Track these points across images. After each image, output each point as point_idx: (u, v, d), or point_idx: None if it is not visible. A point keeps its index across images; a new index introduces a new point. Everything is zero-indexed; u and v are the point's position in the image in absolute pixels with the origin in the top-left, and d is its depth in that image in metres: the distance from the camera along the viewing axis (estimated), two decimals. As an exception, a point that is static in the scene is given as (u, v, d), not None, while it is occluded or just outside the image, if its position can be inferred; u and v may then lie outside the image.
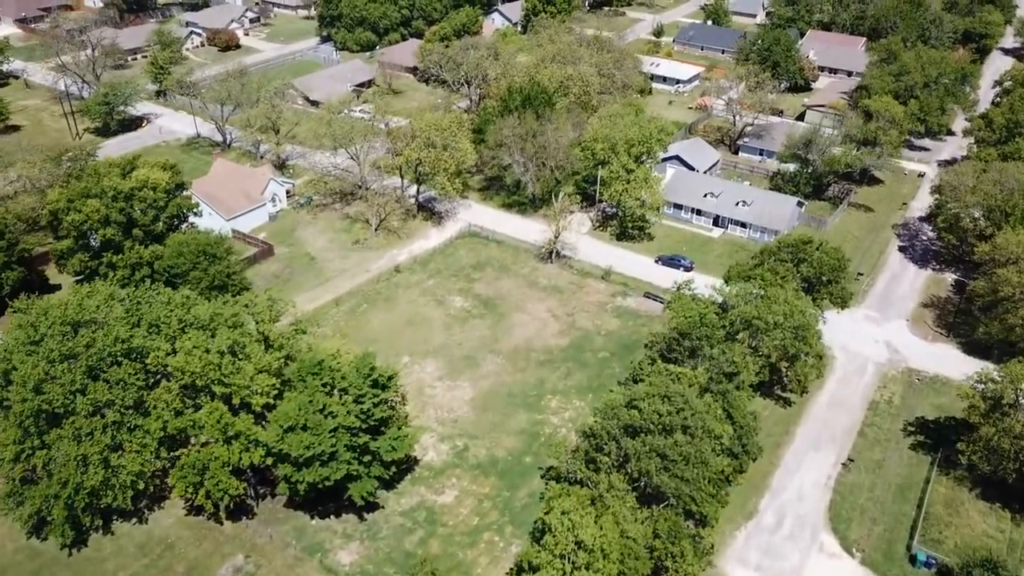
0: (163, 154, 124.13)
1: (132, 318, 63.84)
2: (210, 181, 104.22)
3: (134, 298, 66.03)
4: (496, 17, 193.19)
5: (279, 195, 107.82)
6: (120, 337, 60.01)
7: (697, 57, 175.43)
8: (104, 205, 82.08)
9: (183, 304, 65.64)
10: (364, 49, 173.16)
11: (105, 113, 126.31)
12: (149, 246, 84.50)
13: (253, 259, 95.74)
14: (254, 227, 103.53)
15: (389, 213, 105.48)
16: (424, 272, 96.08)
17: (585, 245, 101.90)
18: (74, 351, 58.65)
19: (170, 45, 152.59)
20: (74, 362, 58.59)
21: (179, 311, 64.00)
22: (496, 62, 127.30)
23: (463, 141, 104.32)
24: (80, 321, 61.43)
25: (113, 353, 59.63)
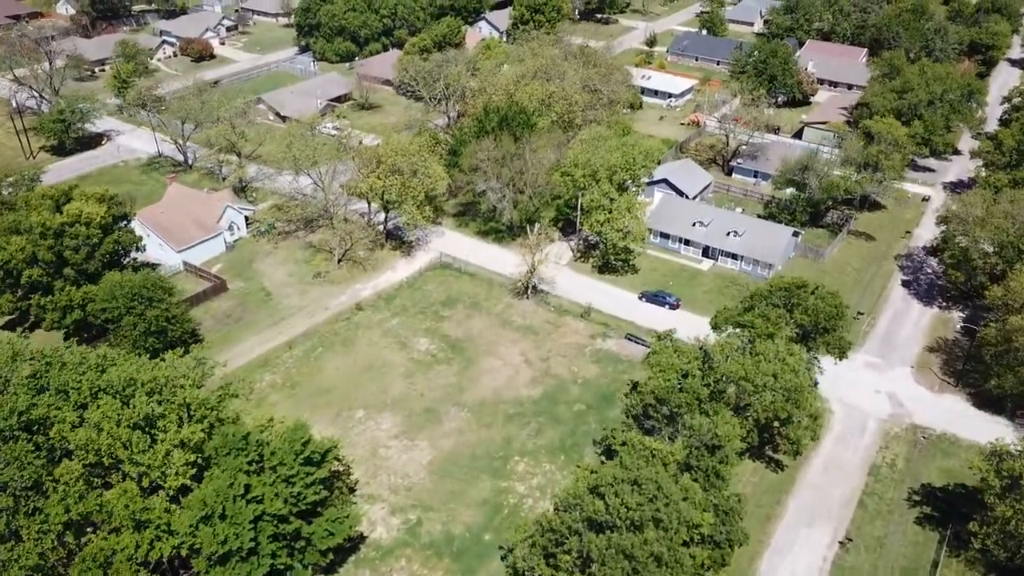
0: (121, 175, 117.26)
1: (39, 381, 56.68)
2: (162, 209, 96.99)
3: (43, 358, 58.78)
4: (483, 26, 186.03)
5: (237, 223, 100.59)
6: (17, 409, 52.83)
7: (691, 69, 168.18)
8: (31, 243, 74.95)
9: (98, 365, 58.39)
10: (343, 60, 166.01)
11: (61, 131, 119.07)
12: (82, 287, 77.39)
13: (203, 296, 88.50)
14: (208, 259, 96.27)
15: (354, 243, 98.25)
16: (388, 310, 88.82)
17: (564, 278, 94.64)
18: (-40, 426, 51.50)
19: (134, 56, 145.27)
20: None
21: (91, 374, 56.75)
22: (475, 77, 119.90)
23: (434, 166, 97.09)
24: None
25: (9, 427, 52.47)
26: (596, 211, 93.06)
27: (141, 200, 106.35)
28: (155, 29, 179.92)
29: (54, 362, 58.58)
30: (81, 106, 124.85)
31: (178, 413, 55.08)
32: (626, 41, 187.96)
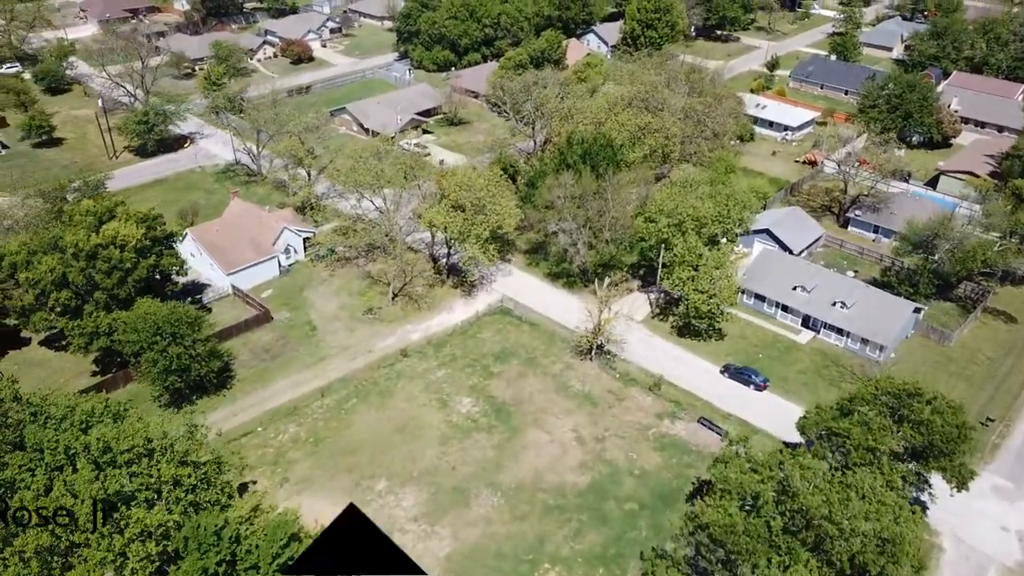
0: (195, 182, 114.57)
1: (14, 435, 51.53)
2: (217, 226, 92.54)
3: (28, 407, 53.71)
4: (591, 39, 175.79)
5: (294, 246, 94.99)
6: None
7: (814, 98, 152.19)
8: (62, 263, 71.09)
9: (82, 421, 52.77)
10: (440, 69, 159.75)
11: (143, 132, 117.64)
12: (112, 312, 73.02)
13: (244, 326, 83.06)
14: (260, 283, 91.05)
15: (412, 278, 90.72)
16: (436, 358, 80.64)
17: (637, 339, 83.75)
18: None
19: (227, 58, 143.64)
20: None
21: (72, 432, 51.09)
22: (565, 101, 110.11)
23: (504, 201, 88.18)
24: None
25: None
26: (679, 267, 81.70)
27: (207, 211, 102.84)
28: (260, 28, 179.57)
29: (39, 413, 53.45)
30: (167, 107, 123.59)
31: (152, 491, 48.59)
32: (745, 62, 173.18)
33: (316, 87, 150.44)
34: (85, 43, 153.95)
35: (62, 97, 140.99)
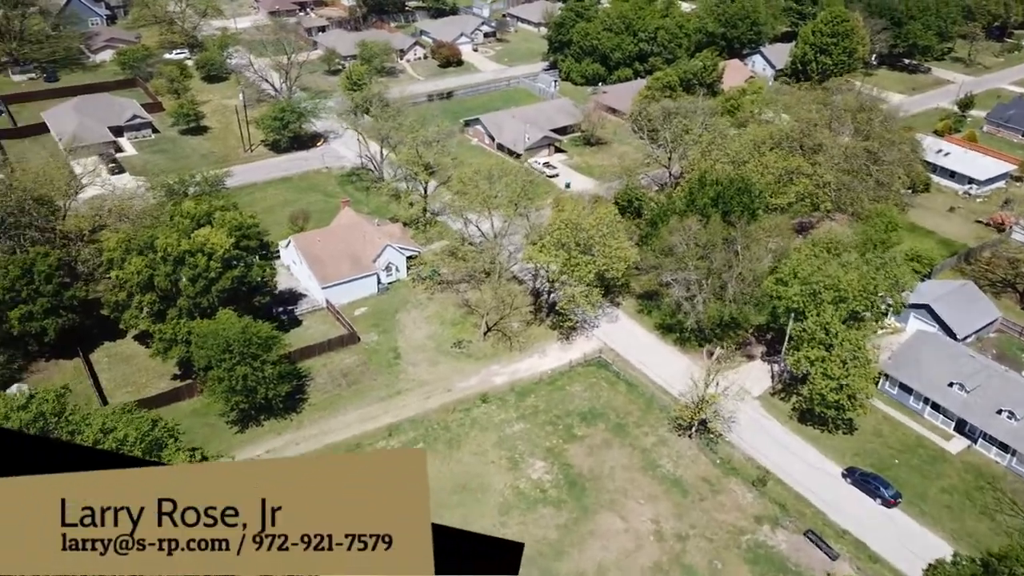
0: (318, 183, 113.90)
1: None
2: (320, 236, 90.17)
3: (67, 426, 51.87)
4: (757, 60, 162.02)
5: (396, 264, 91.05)
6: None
7: (1012, 147, 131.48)
8: (150, 266, 70.26)
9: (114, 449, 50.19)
10: (588, 83, 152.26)
11: (278, 128, 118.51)
12: (194, 320, 71.57)
13: (328, 345, 79.82)
14: (356, 299, 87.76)
15: (510, 312, 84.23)
16: (516, 409, 73.73)
17: (748, 417, 72.99)
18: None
19: (371, 59, 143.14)
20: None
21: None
22: (705, 135, 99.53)
23: (617, 242, 79.78)
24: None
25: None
26: (808, 345, 70.08)
27: (321, 217, 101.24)
28: (416, 29, 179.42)
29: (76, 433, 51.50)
30: (305, 104, 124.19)
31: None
32: (932, 98, 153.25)
33: (458, 93, 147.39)
34: (250, 33, 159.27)
35: (218, 86, 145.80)
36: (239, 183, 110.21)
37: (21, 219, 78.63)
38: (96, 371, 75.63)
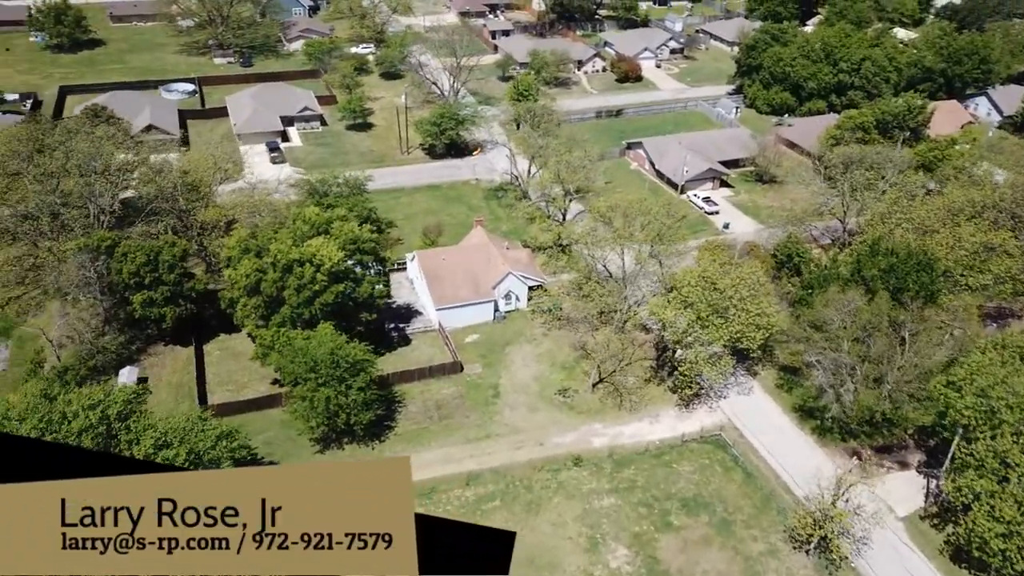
0: (463, 194, 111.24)
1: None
2: (445, 255, 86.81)
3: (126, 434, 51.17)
4: (981, 103, 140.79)
5: (517, 293, 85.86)
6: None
7: None
8: (259, 270, 69.65)
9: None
10: (774, 112, 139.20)
11: (434, 134, 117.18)
12: (296, 328, 70.27)
13: (429, 372, 76.18)
14: (469, 325, 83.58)
15: (627, 364, 76.44)
16: (611, 480, 66.14)
17: (887, 541, 60.86)
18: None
19: (541, 68, 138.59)
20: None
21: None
22: (891, 191, 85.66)
23: (755, 307, 69.69)
24: None
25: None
26: (976, 473, 56.91)
27: (455, 232, 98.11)
28: (600, 40, 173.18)
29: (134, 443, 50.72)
30: (466, 111, 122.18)
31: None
32: None
33: (629, 111, 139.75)
34: (431, 32, 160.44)
35: (394, 83, 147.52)
36: (388, 186, 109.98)
37: (163, 205, 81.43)
38: (205, 364, 76.69)
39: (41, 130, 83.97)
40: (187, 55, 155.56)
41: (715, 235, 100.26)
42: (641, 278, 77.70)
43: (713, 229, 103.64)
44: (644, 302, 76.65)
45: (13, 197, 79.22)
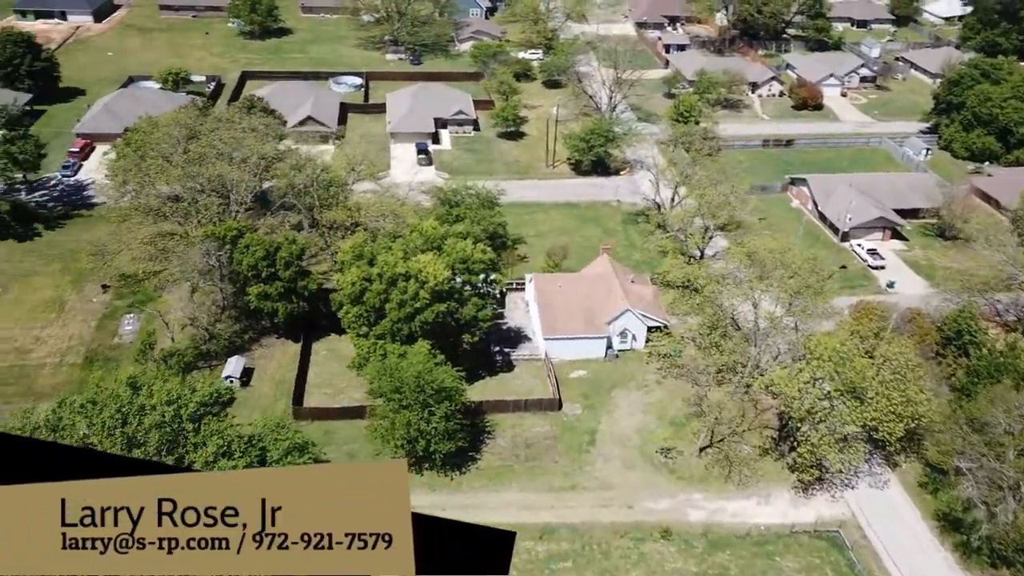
0: (594, 216, 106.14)
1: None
2: (564, 281, 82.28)
3: (194, 438, 50.88)
4: None
5: (634, 332, 79.80)
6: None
7: None
8: (366, 278, 68.46)
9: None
10: (972, 158, 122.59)
11: (582, 151, 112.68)
12: (395, 342, 68.54)
13: (524, 405, 72.10)
14: (577, 359, 78.64)
15: (744, 431, 68.58)
16: (699, 564, 59.07)
17: None
18: None
19: (707, 89, 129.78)
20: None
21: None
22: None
23: (902, 393, 59.75)
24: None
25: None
26: None
27: (581, 256, 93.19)
28: (782, 61, 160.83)
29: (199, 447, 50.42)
30: (620, 128, 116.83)
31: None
32: None
33: (801, 142, 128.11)
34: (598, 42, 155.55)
35: (556, 92, 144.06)
36: (526, 199, 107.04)
37: (294, 201, 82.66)
38: (310, 363, 76.91)
39: (196, 117, 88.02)
40: (363, 49, 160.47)
41: (875, 293, 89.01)
42: (772, 337, 69.26)
43: (874, 286, 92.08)
44: (772, 367, 68.18)
45: (163, 179, 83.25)
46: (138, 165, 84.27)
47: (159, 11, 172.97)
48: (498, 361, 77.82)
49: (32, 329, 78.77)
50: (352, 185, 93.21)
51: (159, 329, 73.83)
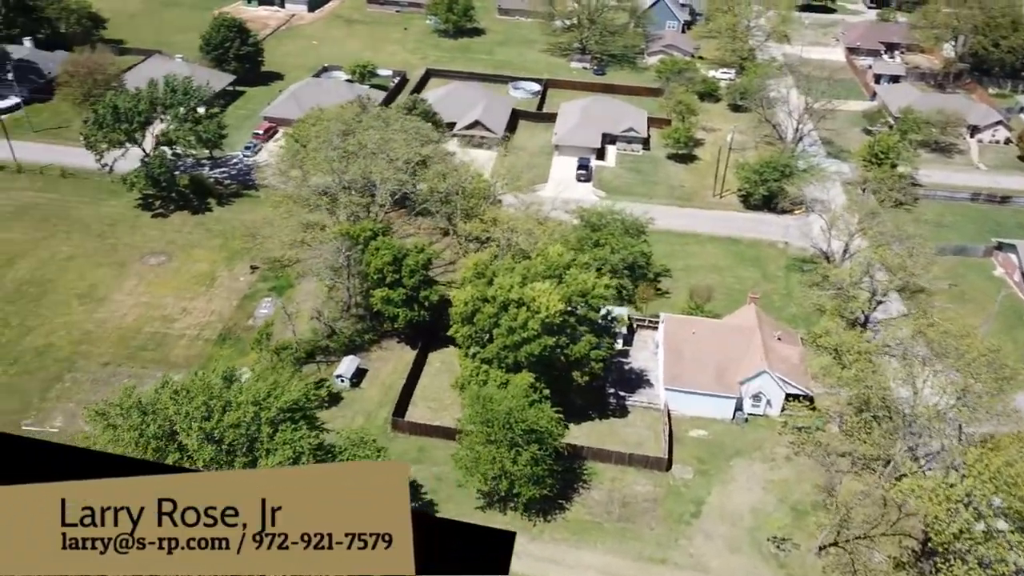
0: (756, 257, 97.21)
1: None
2: (699, 328, 75.26)
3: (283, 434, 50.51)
4: None
5: (770, 397, 71.39)
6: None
7: None
8: (479, 298, 65.85)
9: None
10: None
11: (753, 183, 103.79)
12: (501, 368, 65.51)
13: (628, 459, 66.40)
14: (699, 416, 71.63)
15: (876, 536, 58.85)
16: None
17: None
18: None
19: (908, 131, 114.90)
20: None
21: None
22: None
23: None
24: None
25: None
26: None
27: (728, 301, 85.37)
28: (1016, 103, 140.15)
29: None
30: (803, 163, 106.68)
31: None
32: None
33: (1019, 200, 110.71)
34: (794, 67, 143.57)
35: (741, 116, 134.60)
36: (682, 228, 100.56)
37: (435, 207, 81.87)
38: (422, 373, 75.78)
39: (357, 113, 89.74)
40: (549, 55, 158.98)
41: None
42: (927, 435, 58.82)
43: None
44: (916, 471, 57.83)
45: (316, 171, 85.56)
46: (297, 155, 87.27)
47: (367, 4, 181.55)
48: (612, 404, 72.63)
49: (182, 299, 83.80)
50: (500, 196, 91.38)
51: (283, 319, 75.45)
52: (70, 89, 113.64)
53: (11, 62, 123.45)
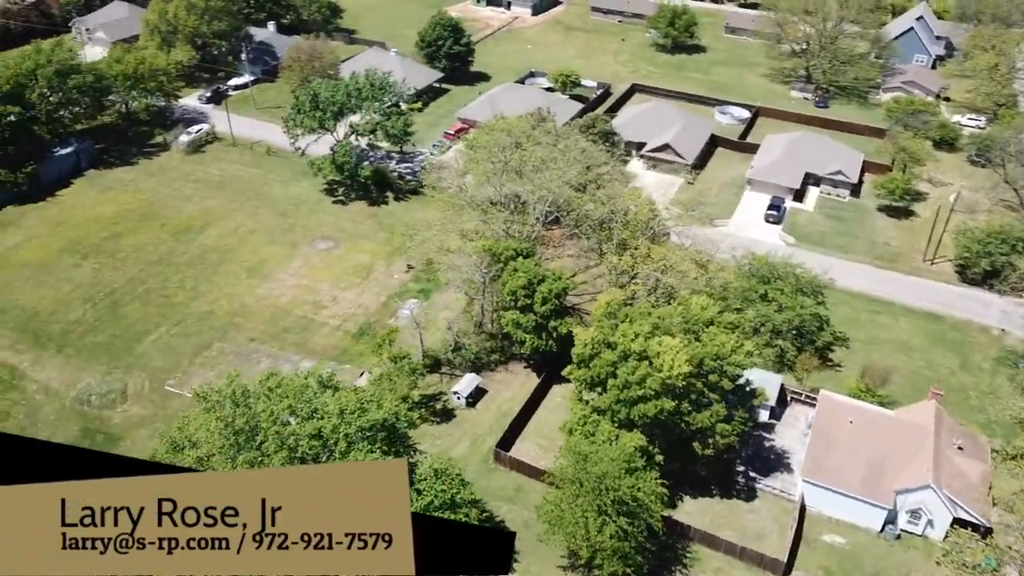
0: (975, 343, 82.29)
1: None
2: (858, 417, 64.51)
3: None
4: None
5: (933, 517, 59.49)
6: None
7: None
8: (604, 342, 60.74)
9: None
10: None
11: (976, 251, 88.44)
12: (614, 422, 60.14)
13: (739, 553, 58.24)
14: (842, 522, 61.33)
15: None
16: None
17: None
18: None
19: None
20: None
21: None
22: None
23: None
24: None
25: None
26: None
27: (912, 390, 73.01)
28: None
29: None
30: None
31: None
32: None
33: None
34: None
35: (984, 173, 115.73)
36: (875, 292, 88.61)
37: (584, 231, 77.58)
38: (540, 405, 72.07)
39: (532, 126, 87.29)
40: (769, 80, 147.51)
41: None
42: None
43: None
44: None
45: (479, 181, 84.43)
46: (469, 161, 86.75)
47: (591, 12, 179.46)
48: (739, 483, 64.43)
49: (336, 288, 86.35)
50: (669, 229, 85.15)
51: (407, 327, 74.90)
52: (291, 72, 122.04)
53: (251, 44, 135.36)
